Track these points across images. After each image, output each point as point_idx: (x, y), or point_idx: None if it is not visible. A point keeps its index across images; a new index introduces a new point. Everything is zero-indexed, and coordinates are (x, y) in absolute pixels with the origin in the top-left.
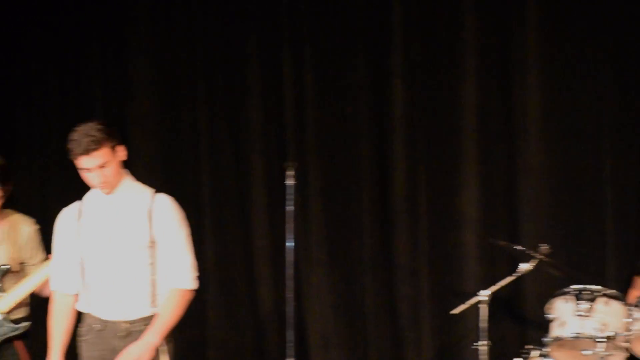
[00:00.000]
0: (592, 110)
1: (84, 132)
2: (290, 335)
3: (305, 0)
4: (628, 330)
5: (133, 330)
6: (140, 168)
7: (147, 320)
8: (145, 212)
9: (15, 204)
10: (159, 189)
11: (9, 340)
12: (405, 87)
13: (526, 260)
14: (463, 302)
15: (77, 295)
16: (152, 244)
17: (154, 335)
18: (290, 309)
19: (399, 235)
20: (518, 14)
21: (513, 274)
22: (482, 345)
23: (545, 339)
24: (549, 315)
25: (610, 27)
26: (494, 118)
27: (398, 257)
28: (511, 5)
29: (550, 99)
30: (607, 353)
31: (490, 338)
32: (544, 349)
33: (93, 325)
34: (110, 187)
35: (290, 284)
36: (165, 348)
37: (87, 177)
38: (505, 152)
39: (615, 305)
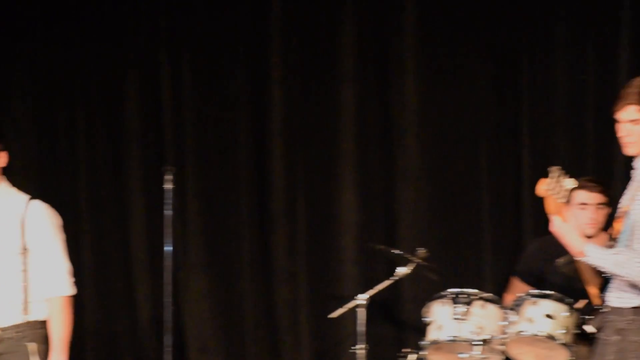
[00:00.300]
0: (469, 114)
1: None
2: (168, 340)
3: (183, 3)
4: (504, 333)
5: (5, 337)
6: (16, 173)
7: (19, 328)
8: (18, 218)
9: None
10: (35, 195)
11: None
12: (283, 92)
13: (404, 264)
14: (341, 306)
15: None
16: (24, 250)
17: (58, 354)
18: (168, 313)
19: (277, 239)
20: (395, 18)
21: (391, 278)
22: (360, 349)
23: (423, 343)
24: (426, 319)
25: (487, 31)
26: (371, 122)
27: (276, 261)
28: (388, 10)
29: (427, 104)
30: (483, 356)
31: (368, 342)
32: (421, 353)
33: None
34: None
35: (168, 288)
36: (36, 348)
37: None
38: (383, 157)
39: (492, 308)
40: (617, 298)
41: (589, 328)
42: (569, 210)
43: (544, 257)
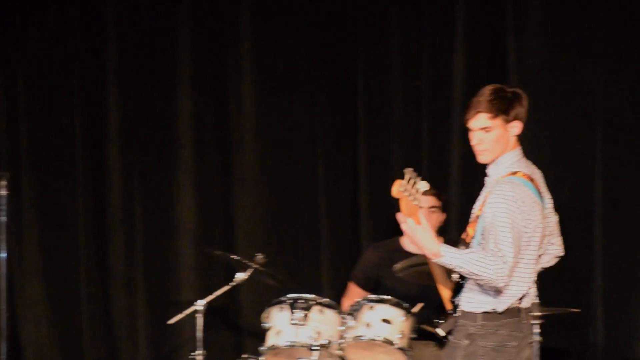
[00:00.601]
0: (306, 119)
1: None
2: (3, 347)
3: (16, 4)
4: (342, 338)
5: None
6: None
7: None
8: None
9: None
10: None
11: None
12: (119, 97)
13: (242, 269)
14: (179, 312)
15: None
16: None
17: None
18: (3, 320)
19: (114, 245)
20: (232, 23)
21: (229, 284)
22: (199, 355)
23: (261, 348)
24: (264, 324)
25: (323, 36)
26: (208, 128)
27: (114, 266)
28: (225, 14)
29: (264, 109)
30: None
31: (206, 347)
32: (260, 358)
33: None
34: None
35: (3, 295)
36: None
37: None
38: (220, 162)
39: (330, 313)
40: (468, 302)
41: (440, 331)
42: (421, 212)
43: (381, 262)
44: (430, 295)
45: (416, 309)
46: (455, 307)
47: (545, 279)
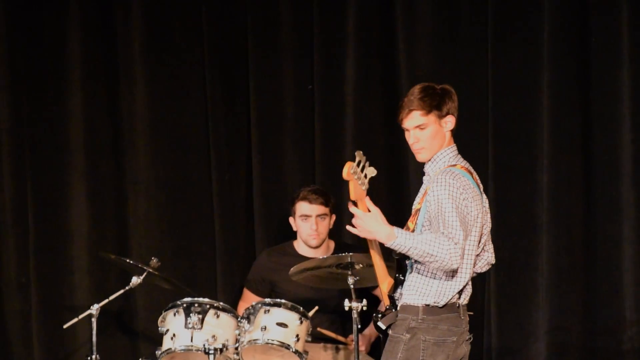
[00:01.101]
0: (199, 122)
1: None
2: None
3: None
4: (237, 341)
5: None
6: None
7: None
8: None
9: None
10: None
11: None
12: (10, 100)
13: (137, 273)
14: (74, 316)
15: None
16: None
17: None
18: None
19: (6, 250)
20: (123, 23)
21: (124, 288)
22: (94, 359)
23: (157, 352)
24: (160, 328)
25: (214, 39)
26: (101, 131)
27: (6, 271)
28: (116, 15)
29: (157, 113)
30: None
31: (101, 352)
32: None
33: None
34: None
35: None
36: None
37: None
38: (113, 165)
39: (225, 317)
40: (409, 295)
41: (381, 324)
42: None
43: (274, 266)
44: (325, 298)
45: (311, 312)
46: (393, 302)
47: None
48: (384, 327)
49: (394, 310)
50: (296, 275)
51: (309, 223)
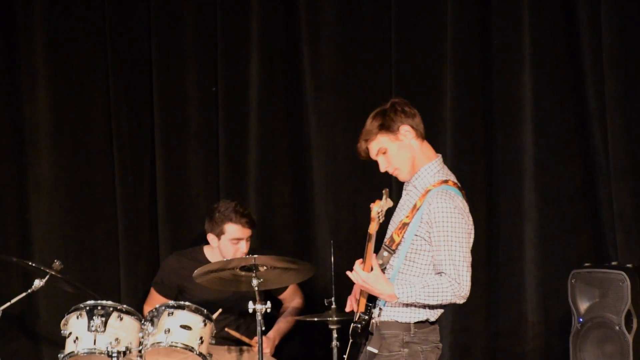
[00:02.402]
0: (102, 125)
1: None
2: None
3: None
4: (141, 344)
5: None
6: None
7: None
8: None
9: None
10: None
11: None
12: None
13: (39, 276)
14: None
15: None
16: None
17: None
18: None
19: None
20: (25, 25)
21: (26, 291)
22: None
23: (60, 355)
24: (63, 332)
25: (118, 42)
26: (2, 134)
27: None
28: (17, 15)
29: (60, 114)
30: None
31: (3, 355)
32: None
33: None
34: None
35: None
36: None
37: None
38: (15, 168)
39: (129, 320)
40: (399, 312)
41: (372, 349)
42: (371, 257)
43: (182, 271)
44: (230, 301)
45: (215, 314)
46: (368, 310)
47: (345, 284)
48: (376, 351)
49: (367, 318)
50: (200, 277)
51: (238, 246)
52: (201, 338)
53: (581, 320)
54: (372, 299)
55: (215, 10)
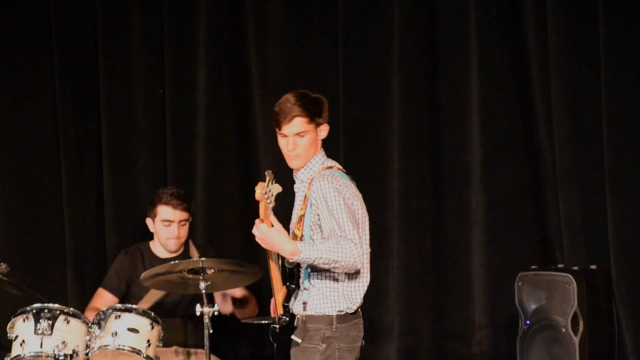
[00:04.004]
0: (49, 128)
1: None
2: None
3: None
4: (88, 347)
5: None
6: None
7: None
8: None
9: None
10: None
11: None
12: None
13: None
14: None
15: None
16: None
17: None
18: None
19: None
20: None
21: None
22: None
23: (7, 359)
24: (10, 335)
25: (61, 39)
26: None
27: None
28: None
29: (5, 117)
30: None
31: None
32: None
33: None
34: None
35: None
36: None
37: None
38: None
39: (75, 323)
40: (319, 304)
41: (296, 338)
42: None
43: (131, 267)
44: (177, 301)
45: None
46: (287, 311)
47: None
48: (299, 341)
49: (287, 319)
50: (148, 280)
51: (170, 228)
52: (148, 341)
53: (528, 322)
54: (287, 299)
55: (162, 12)
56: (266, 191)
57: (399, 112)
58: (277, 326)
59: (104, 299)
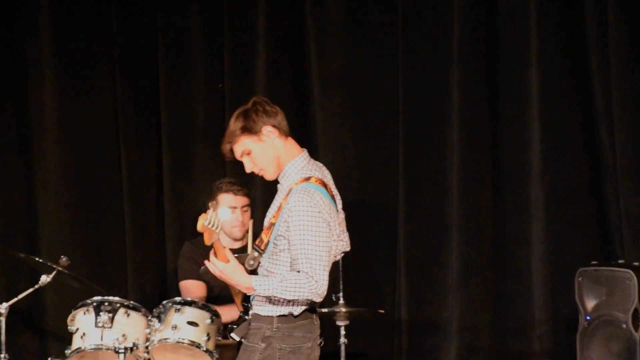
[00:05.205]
0: (109, 120)
1: None
2: None
3: None
4: (148, 340)
5: None
6: None
7: None
8: None
9: None
10: None
11: None
12: None
13: (46, 272)
14: None
15: None
16: None
17: None
18: None
19: None
20: (31, 20)
21: (33, 286)
22: (2, 359)
23: (67, 351)
24: (70, 327)
25: (124, 40)
26: (9, 129)
27: None
28: (23, 10)
29: (67, 111)
30: None
31: (10, 351)
32: None
33: None
34: None
35: None
36: None
37: None
38: (22, 164)
39: (135, 316)
40: (261, 306)
41: (234, 336)
42: (225, 248)
43: (198, 258)
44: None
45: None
46: (247, 309)
47: (352, 279)
48: (237, 339)
49: (247, 317)
50: (206, 274)
51: (234, 215)
52: (208, 334)
53: (588, 318)
54: (247, 299)
55: (222, 6)
56: (210, 220)
57: (459, 107)
58: (235, 326)
59: (194, 288)
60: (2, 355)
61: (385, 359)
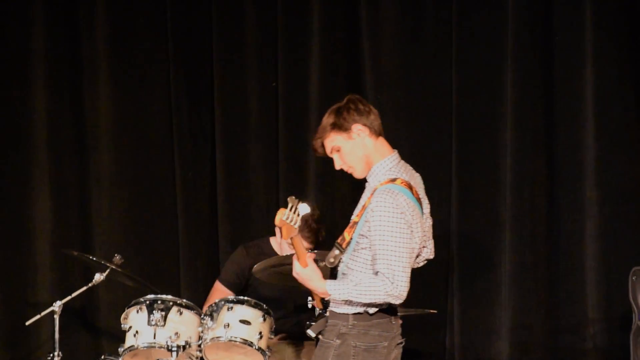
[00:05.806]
0: (163, 119)
1: None
2: None
3: None
4: (200, 339)
5: None
6: None
7: None
8: None
9: None
10: None
11: None
12: None
13: (100, 270)
14: (37, 313)
15: None
16: None
17: None
18: None
19: None
20: (87, 19)
21: (87, 284)
22: (56, 356)
23: (120, 349)
24: (123, 325)
25: (178, 37)
26: (64, 127)
27: None
28: (80, 11)
29: (121, 109)
30: None
31: (64, 349)
32: (118, 359)
33: None
34: None
35: None
36: None
37: None
38: (77, 162)
39: (188, 314)
40: (338, 304)
41: (311, 332)
42: (307, 250)
43: (252, 263)
44: (292, 296)
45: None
46: (326, 306)
47: None
48: (313, 335)
49: (324, 315)
50: (260, 272)
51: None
52: (260, 333)
53: None
54: None
55: (276, 4)
56: (288, 216)
57: (513, 106)
58: (314, 323)
59: (221, 293)
60: (56, 353)
61: (437, 358)
